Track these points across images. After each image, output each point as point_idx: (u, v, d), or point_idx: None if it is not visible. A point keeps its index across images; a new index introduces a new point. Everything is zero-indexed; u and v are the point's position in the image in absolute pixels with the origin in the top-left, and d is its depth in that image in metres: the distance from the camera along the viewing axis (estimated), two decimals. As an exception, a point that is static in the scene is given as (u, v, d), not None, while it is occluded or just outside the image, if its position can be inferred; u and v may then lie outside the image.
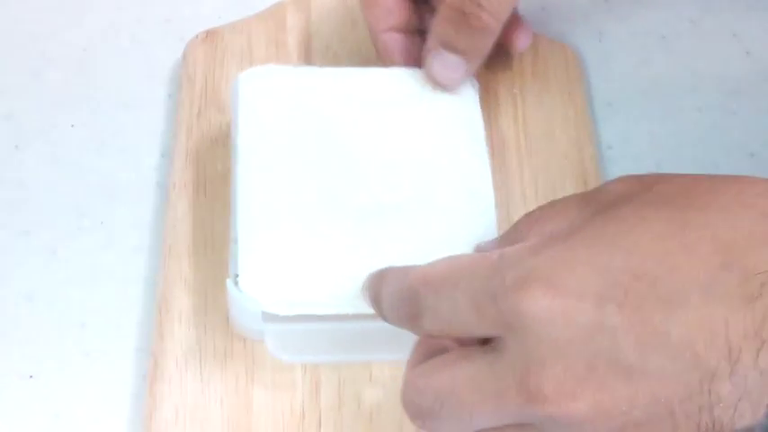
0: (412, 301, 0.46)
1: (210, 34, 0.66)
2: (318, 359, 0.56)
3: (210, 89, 0.64)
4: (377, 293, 0.49)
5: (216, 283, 0.58)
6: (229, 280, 0.54)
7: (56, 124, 0.65)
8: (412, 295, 0.46)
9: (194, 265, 0.58)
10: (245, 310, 0.54)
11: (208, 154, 0.62)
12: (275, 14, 0.67)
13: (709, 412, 0.40)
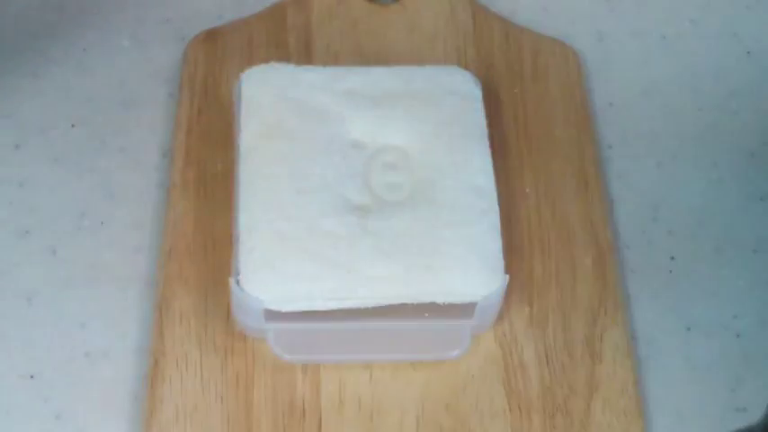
0: None
1: (211, 34, 0.66)
2: (319, 359, 0.56)
3: (211, 89, 0.64)
4: None
5: (216, 283, 0.58)
6: (232, 279, 0.54)
7: (56, 124, 0.65)
8: None
9: (194, 265, 0.58)
10: (247, 308, 0.54)
11: (208, 153, 0.62)
12: (275, 14, 0.67)
13: None
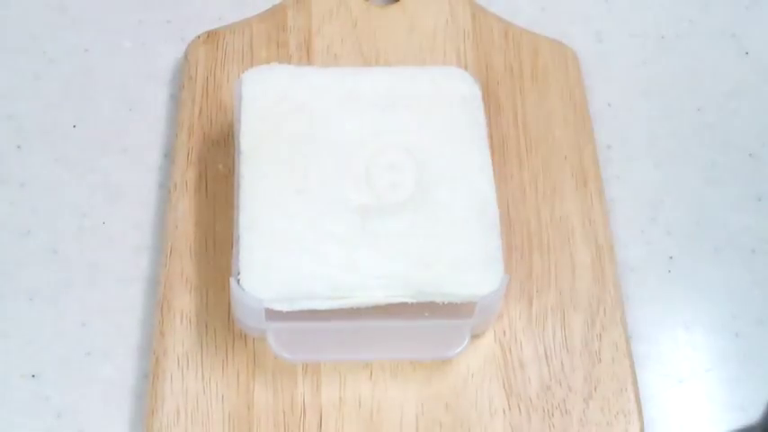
0: None
1: (212, 35, 0.66)
2: (320, 358, 0.56)
3: (212, 89, 0.64)
4: None
5: (217, 283, 0.58)
6: (233, 278, 0.54)
7: (58, 124, 0.65)
8: None
9: (196, 265, 0.59)
10: (247, 308, 0.54)
11: (209, 154, 0.62)
12: (276, 15, 0.68)
13: None
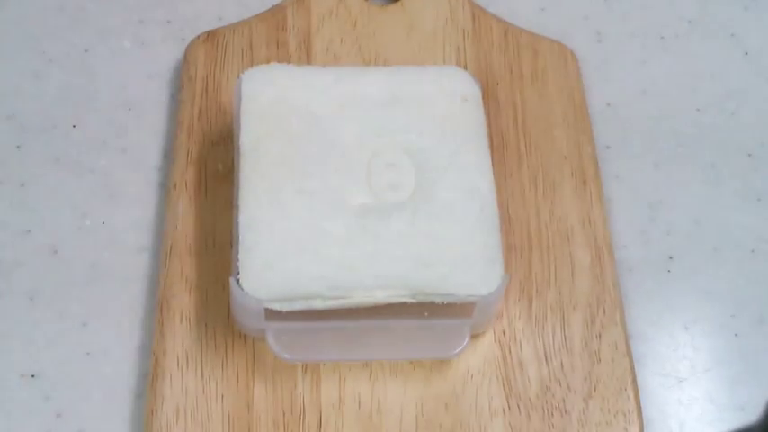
0: None
1: (211, 35, 0.66)
2: (319, 358, 0.56)
3: (211, 90, 0.64)
4: None
5: (217, 282, 0.58)
6: (232, 278, 0.54)
7: (57, 124, 0.65)
8: None
9: (195, 265, 0.59)
10: (247, 308, 0.54)
11: (209, 154, 0.62)
12: (276, 15, 0.68)
13: None
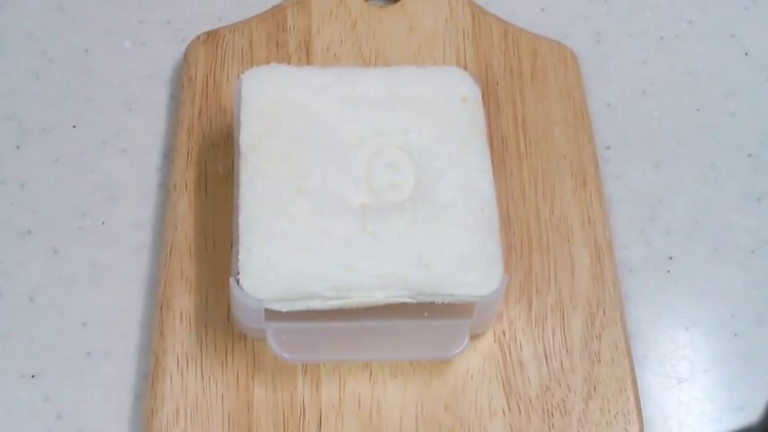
0: None
1: (211, 35, 0.67)
2: (319, 358, 0.56)
3: (211, 90, 0.64)
4: None
5: (217, 283, 0.58)
6: (232, 278, 0.54)
7: (57, 125, 0.65)
8: None
9: (195, 265, 0.59)
10: (247, 308, 0.54)
11: (209, 154, 0.62)
12: (276, 15, 0.68)
13: None
